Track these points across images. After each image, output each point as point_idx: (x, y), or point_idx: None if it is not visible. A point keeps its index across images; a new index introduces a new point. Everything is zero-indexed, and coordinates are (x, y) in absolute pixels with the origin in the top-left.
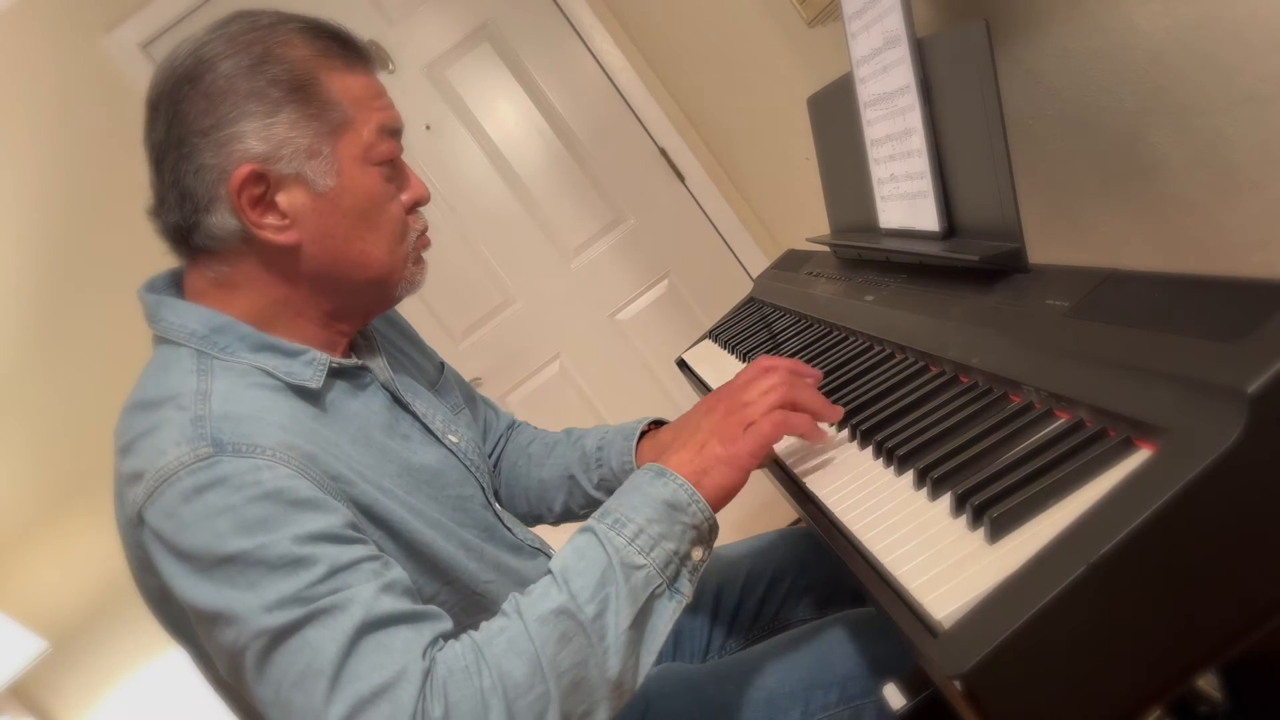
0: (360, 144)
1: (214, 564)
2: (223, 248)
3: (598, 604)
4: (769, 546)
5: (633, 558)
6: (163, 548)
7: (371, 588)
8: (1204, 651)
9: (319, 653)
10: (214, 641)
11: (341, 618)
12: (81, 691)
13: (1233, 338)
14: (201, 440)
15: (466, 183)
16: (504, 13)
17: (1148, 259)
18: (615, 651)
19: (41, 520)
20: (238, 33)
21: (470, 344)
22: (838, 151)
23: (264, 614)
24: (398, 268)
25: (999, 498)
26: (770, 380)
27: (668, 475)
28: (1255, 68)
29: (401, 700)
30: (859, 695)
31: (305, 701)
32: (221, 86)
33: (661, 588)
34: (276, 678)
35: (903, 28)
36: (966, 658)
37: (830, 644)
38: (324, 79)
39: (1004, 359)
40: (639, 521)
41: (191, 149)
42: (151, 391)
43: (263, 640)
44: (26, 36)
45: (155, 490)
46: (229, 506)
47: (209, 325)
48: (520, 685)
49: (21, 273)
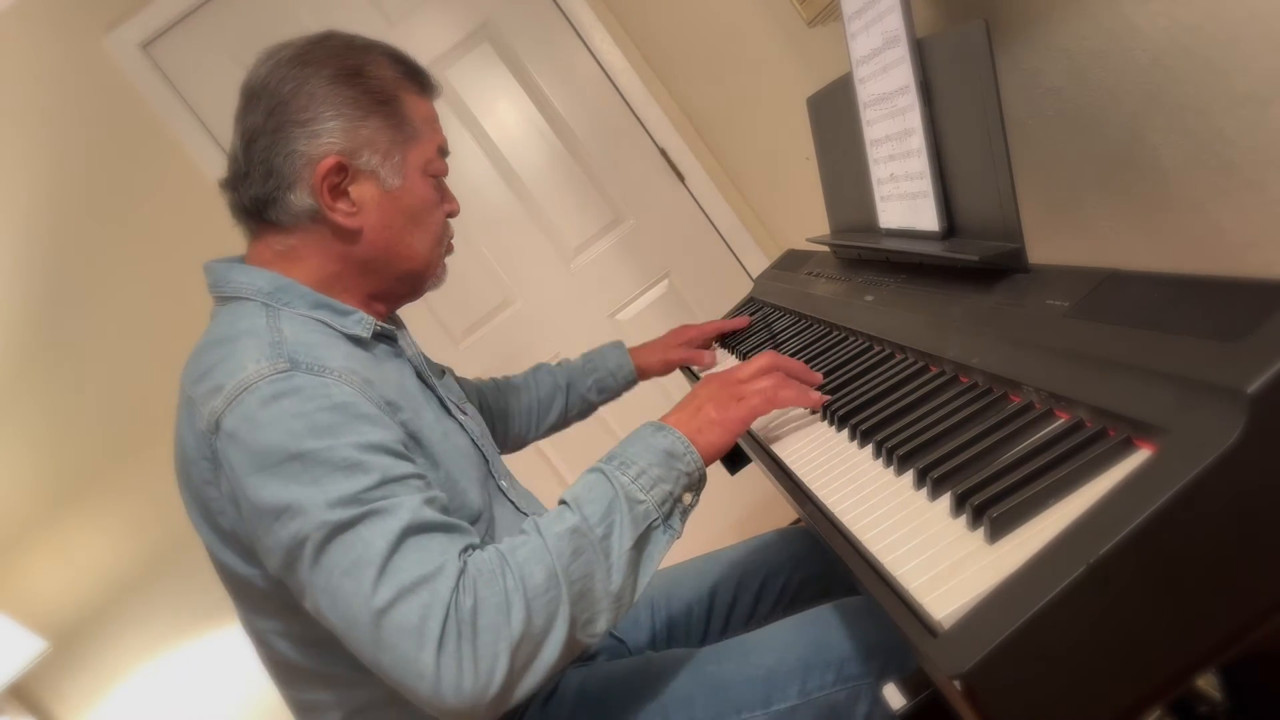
0: (424, 157)
1: (285, 460)
2: (293, 223)
3: (605, 527)
4: (766, 545)
5: (635, 493)
6: (238, 448)
7: (417, 499)
8: (1204, 651)
9: (370, 546)
10: (274, 536)
11: (391, 520)
12: (81, 691)
13: (1233, 338)
14: (280, 357)
15: (466, 183)
16: (504, 13)
17: (1147, 259)
18: (618, 569)
19: (41, 520)
20: (338, 47)
21: (470, 344)
22: (838, 151)
23: (326, 509)
24: (434, 264)
25: (999, 498)
26: (762, 362)
27: (666, 429)
28: (1254, 68)
29: (439, 590)
30: (856, 677)
31: (355, 587)
32: (324, 89)
33: (658, 521)
34: (330, 566)
35: (902, 28)
36: (966, 658)
37: (828, 627)
38: (404, 99)
39: (1004, 359)
40: (641, 465)
41: (288, 135)
42: (225, 331)
43: (323, 532)
44: (26, 36)
45: (236, 398)
46: (302, 412)
47: (274, 284)
48: (538, 588)
49: (21, 272)
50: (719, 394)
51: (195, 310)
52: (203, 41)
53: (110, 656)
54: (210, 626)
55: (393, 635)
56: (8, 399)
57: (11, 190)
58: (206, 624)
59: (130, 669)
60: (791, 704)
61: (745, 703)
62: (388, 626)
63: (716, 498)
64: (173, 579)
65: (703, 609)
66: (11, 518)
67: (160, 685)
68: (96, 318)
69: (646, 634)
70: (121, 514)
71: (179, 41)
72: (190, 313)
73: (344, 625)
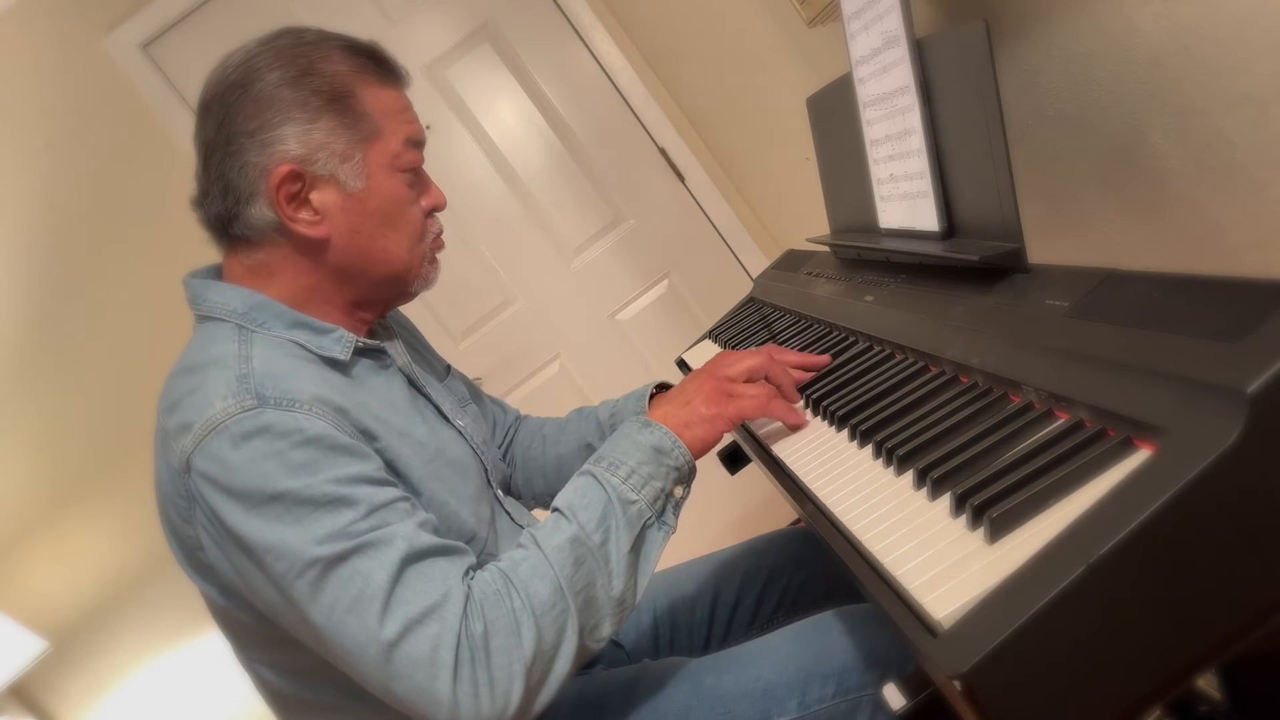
0: (388, 152)
1: (264, 501)
2: (259, 238)
3: (602, 533)
4: (766, 546)
5: (627, 494)
6: (214, 489)
7: (410, 524)
8: (1204, 652)
9: (370, 580)
10: (264, 574)
11: (388, 550)
12: (81, 691)
13: (1233, 338)
14: (246, 394)
15: (466, 183)
16: (504, 13)
17: (1148, 259)
18: (619, 573)
19: (41, 520)
20: (285, 46)
21: (470, 344)
22: (837, 151)
23: (314, 546)
24: (415, 265)
25: (999, 498)
26: (759, 359)
27: (653, 425)
28: (1254, 68)
29: (448, 619)
30: (856, 688)
31: (360, 624)
32: (269, 94)
33: (651, 520)
34: (329, 603)
35: (902, 28)
36: (966, 658)
37: (828, 637)
38: (359, 92)
39: (1004, 359)
40: (630, 464)
41: (238, 148)
42: (196, 358)
43: (315, 570)
44: (27, 36)
45: (204, 438)
46: (275, 451)
47: (248, 303)
48: (545, 604)
49: (21, 272)
50: (711, 391)
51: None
52: (203, 41)
53: (110, 656)
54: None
55: (405, 667)
56: (8, 399)
57: (11, 190)
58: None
59: (130, 669)
60: (791, 718)
61: (743, 716)
62: (399, 660)
63: (716, 498)
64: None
65: (704, 612)
66: (11, 518)
67: (160, 685)
68: (96, 318)
69: (649, 638)
70: (121, 514)
71: (179, 41)
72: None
73: (351, 659)
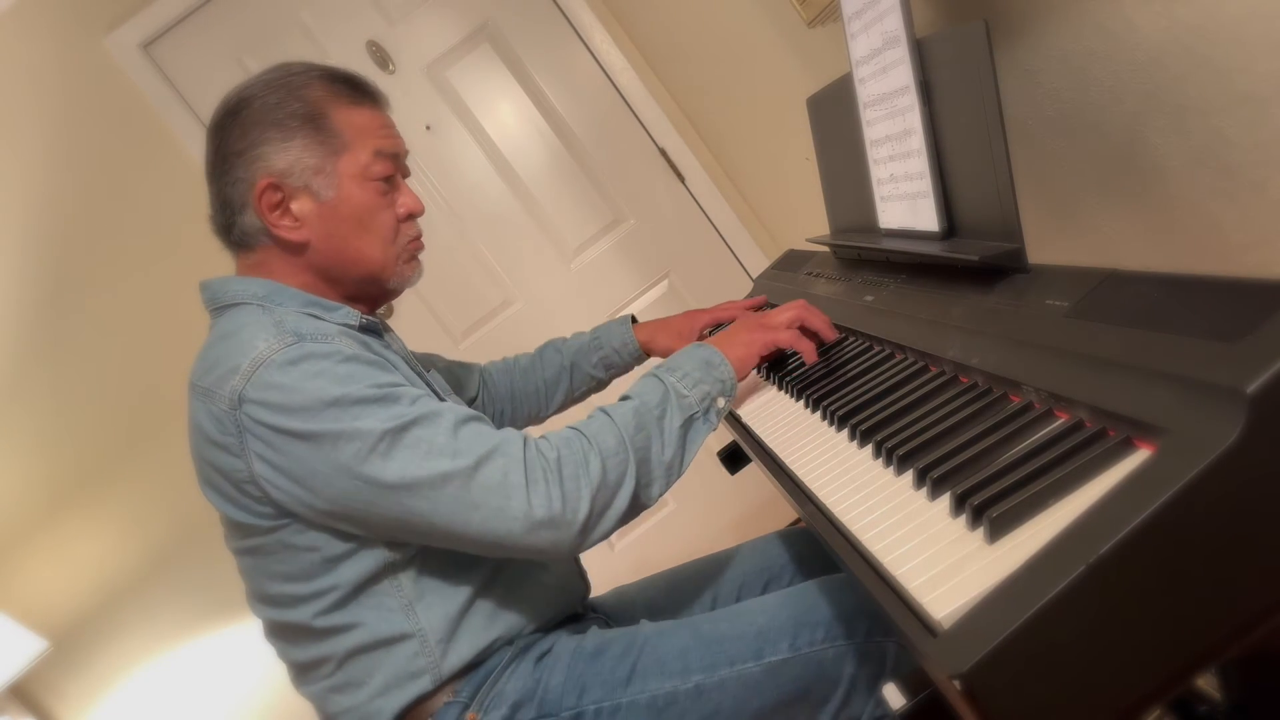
0: (358, 164)
1: (322, 408)
2: (254, 242)
3: (660, 409)
4: (767, 547)
5: (681, 390)
6: (272, 411)
7: (450, 403)
8: (1204, 651)
9: (433, 441)
10: (334, 463)
11: (439, 420)
12: (81, 691)
13: (1232, 338)
14: (286, 334)
15: (466, 183)
16: (504, 13)
17: (1147, 259)
18: (670, 443)
19: (41, 520)
20: (272, 78)
21: (470, 344)
22: (837, 152)
23: (379, 423)
24: (389, 265)
25: (998, 498)
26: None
27: (706, 345)
28: (1254, 68)
29: (511, 453)
30: (843, 637)
31: (435, 465)
32: (254, 118)
33: (698, 413)
34: (402, 462)
35: (902, 28)
36: (966, 657)
37: (819, 594)
38: (332, 113)
39: (1004, 359)
40: (685, 369)
41: (230, 165)
42: (228, 328)
43: (385, 442)
44: (27, 37)
45: (254, 373)
46: (321, 370)
47: (267, 289)
48: (610, 449)
49: (21, 272)
50: (752, 325)
51: (195, 311)
52: (203, 41)
53: (110, 656)
54: (210, 626)
55: (479, 494)
56: (8, 399)
57: (11, 190)
58: (206, 624)
59: (130, 669)
60: (782, 657)
61: (738, 655)
62: (475, 488)
63: (717, 498)
64: (173, 579)
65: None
66: (11, 518)
67: (160, 685)
68: (96, 318)
69: None
70: (121, 514)
71: (179, 41)
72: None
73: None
